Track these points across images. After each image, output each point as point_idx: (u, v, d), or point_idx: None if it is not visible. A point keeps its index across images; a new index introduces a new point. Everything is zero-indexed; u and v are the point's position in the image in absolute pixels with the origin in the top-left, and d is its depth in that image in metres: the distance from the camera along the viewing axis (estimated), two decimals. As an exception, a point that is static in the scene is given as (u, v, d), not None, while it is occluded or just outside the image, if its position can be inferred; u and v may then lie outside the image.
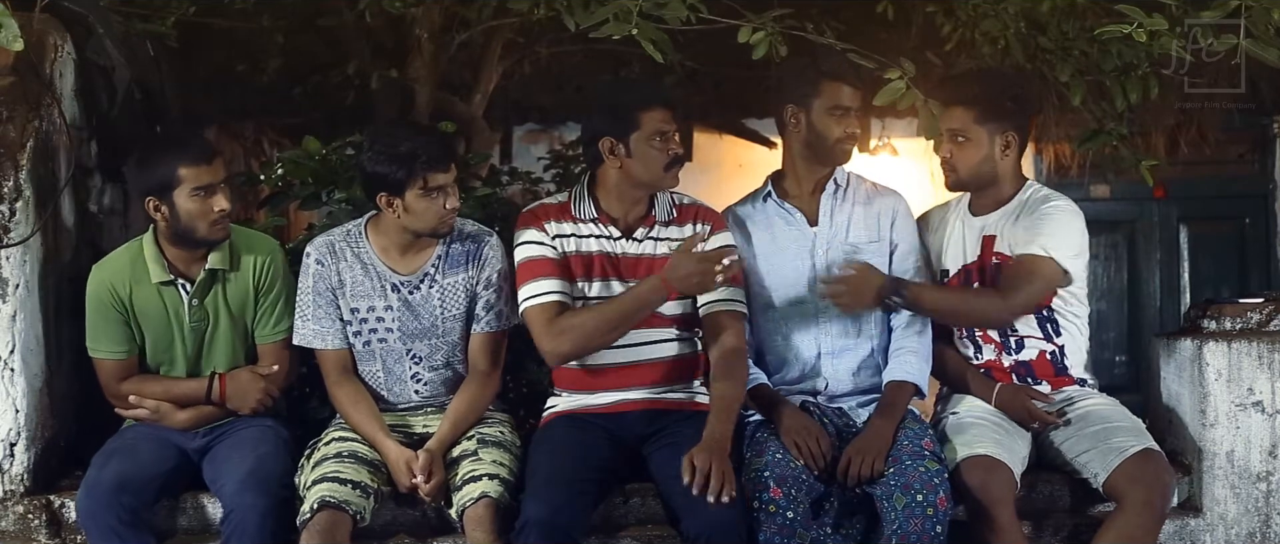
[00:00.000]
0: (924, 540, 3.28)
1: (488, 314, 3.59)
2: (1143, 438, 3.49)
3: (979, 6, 4.57)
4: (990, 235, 3.67)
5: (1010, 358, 3.69)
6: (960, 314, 3.68)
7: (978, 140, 3.61)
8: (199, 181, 3.48)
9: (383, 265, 3.56)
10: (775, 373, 3.70)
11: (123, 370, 3.60)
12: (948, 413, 3.65)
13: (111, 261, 3.62)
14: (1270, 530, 3.71)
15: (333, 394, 3.59)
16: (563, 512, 3.23)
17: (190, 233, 3.52)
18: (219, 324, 3.61)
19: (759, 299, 3.71)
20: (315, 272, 3.55)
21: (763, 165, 7.88)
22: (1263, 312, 3.84)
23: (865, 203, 3.75)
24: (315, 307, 3.55)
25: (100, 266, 3.61)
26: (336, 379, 3.58)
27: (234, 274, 3.62)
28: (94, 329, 3.59)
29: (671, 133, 3.51)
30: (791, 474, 3.35)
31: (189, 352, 3.61)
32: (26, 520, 3.58)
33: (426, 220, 3.47)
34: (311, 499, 3.28)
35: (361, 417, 3.52)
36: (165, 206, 3.49)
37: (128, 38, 4.23)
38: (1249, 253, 8.13)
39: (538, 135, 7.78)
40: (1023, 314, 3.60)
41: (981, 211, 3.70)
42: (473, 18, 5.27)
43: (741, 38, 3.76)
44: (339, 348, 3.57)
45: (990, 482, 3.36)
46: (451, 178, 3.47)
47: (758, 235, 3.74)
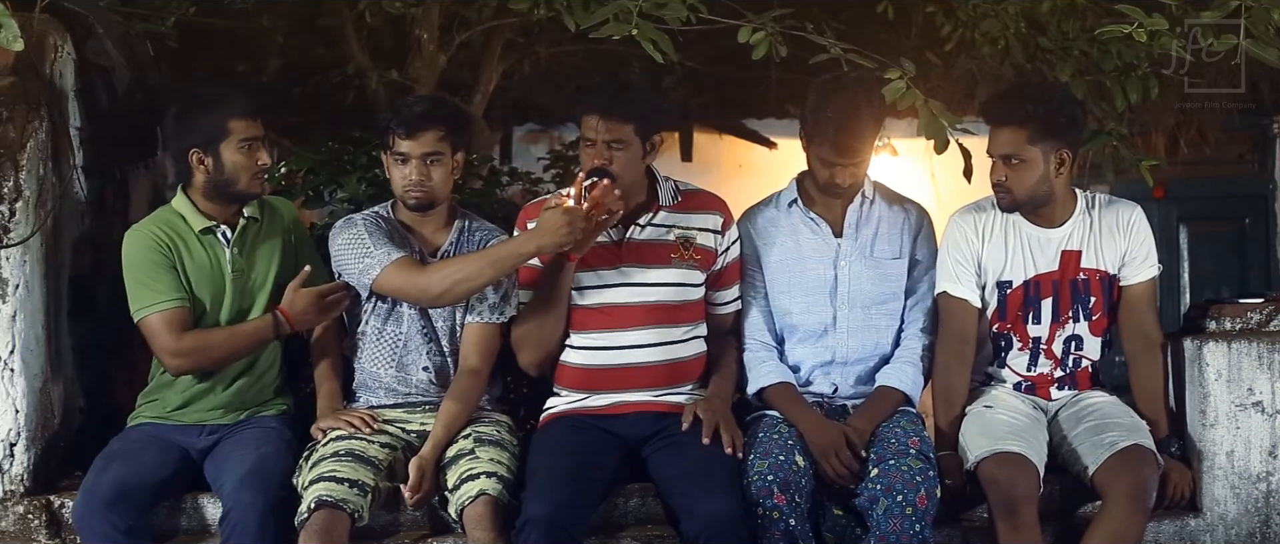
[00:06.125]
0: (904, 539, 3.28)
1: (481, 304, 3.60)
2: (1134, 434, 3.49)
3: (979, 6, 4.57)
4: (1072, 250, 3.64)
5: (1062, 371, 3.71)
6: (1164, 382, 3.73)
7: (1032, 161, 3.53)
8: (247, 134, 3.55)
9: (412, 237, 3.63)
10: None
11: (182, 321, 3.52)
12: (976, 406, 3.64)
13: (147, 221, 3.63)
14: (1270, 530, 3.71)
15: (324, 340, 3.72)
16: (564, 510, 3.23)
17: (231, 184, 3.57)
18: (256, 271, 3.64)
19: (778, 305, 3.71)
20: (364, 223, 3.61)
21: (762, 165, 7.93)
22: (1263, 312, 3.84)
23: (890, 215, 3.73)
24: (374, 240, 3.54)
25: (136, 227, 3.62)
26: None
27: (267, 224, 3.68)
28: (141, 286, 3.53)
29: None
30: (793, 478, 3.35)
31: (234, 301, 3.61)
32: (26, 520, 3.58)
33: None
34: (309, 498, 3.28)
35: (328, 369, 3.68)
36: (210, 159, 3.55)
37: (128, 38, 4.23)
38: (1249, 253, 8.13)
39: (538, 135, 7.78)
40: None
41: (1046, 224, 3.64)
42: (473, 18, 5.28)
43: (741, 38, 3.75)
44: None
45: (1018, 478, 3.35)
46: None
47: (781, 241, 3.72)
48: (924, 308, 3.72)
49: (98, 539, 3.35)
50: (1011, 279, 3.67)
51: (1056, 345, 3.69)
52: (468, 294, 3.52)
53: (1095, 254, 3.65)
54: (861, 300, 3.68)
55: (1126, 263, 3.66)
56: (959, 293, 3.66)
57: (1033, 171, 3.54)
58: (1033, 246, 3.65)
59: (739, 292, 3.72)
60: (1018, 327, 3.69)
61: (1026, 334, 3.69)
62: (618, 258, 3.57)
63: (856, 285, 3.68)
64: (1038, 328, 3.68)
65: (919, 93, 3.60)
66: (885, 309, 3.71)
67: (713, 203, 3.68)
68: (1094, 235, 3.65)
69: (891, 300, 3.71)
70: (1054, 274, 3.65)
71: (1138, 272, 3.66)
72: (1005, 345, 3.73)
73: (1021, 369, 3.72)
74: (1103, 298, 3.68)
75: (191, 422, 3.61)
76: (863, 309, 3.69)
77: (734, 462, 3.39)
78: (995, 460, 3.39)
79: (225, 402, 3.63)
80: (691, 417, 3.47)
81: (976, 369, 3.73)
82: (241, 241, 3.63)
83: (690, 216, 3.62)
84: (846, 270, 3.68)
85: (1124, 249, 3.65)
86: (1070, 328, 3.68)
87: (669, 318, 3.59)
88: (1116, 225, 3.65)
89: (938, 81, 5.82)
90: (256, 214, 3.67)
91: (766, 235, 3.73)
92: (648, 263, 3.56)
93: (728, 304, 3.72)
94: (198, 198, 3.62)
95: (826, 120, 3.53)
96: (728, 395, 3.62)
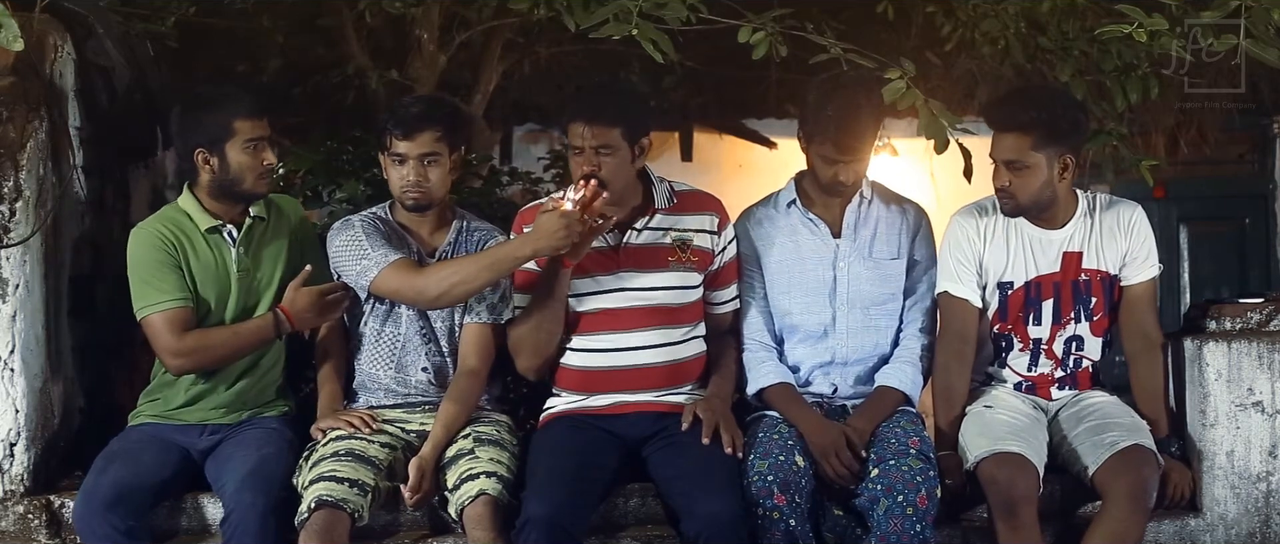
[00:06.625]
0: (904, 539, 3.28)
1: (480, 305, 3.60)
2: (1135, 434, 3.49)
3: (979, 6, 4.58)
4: (1074, 251, 3.63)
5: (1063, 372, 3.71)
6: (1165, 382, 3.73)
7: (1036, 167, 3.52)
8: (252, 134, 3.55)
9: (410, 238, 3.63)
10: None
11: (184, 320, 3.52)
12: (976, 406, 3.64)
13: (153, 219, 3.63)
14: (1270, 530, 3.71)
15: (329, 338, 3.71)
16: (564, 509, 3.22)
17: (237, 184, 3.56)
18: (261, 271, 3.64)
19: (777, 305, 3.71)
20: (362, 225, 3.61)
21: (762, 165, 7.93)
22: (1263, 312, 3.84)
23: (888, 215, 3.73)
24: (372, 242, 3.55)
25: (142, 225, 3.61)
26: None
27: (273, 224, 3.68)
28: (146, 284, 3.53)
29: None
30: (794, 478, 3.35)
31: (238, 301, 3.61)
32: (26, 520, 3.58)
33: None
34: (309, 498, 3.27)
35: (331, 371, 3.68)
36: (215, 158, 3.54)
37: (128, 38, 4.23)
38: (1249, 253, 8.14)
39: (538, 135, 7.78)
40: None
41: (1048, 225, 3.64)
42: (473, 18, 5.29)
43: (741, 38, 3.75)
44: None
45: (1018, 479, 3.35)
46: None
47: (780, 242, 3.71)
48: (923, 307, 3.72)
49: (98, 540, 3.34)
50: (1013, 280, 3.67)
51: (1057, 346, 3.69)
52: (464, 297, 3.52)
53: (1096, 255, 3.65)
54: (861, 301, 3.68)
55: (1127, 263, 3.66)
56: (960, 293, 3.66)
57: (1036, 178, 3.53)
58: (1034, 248, 3.65)
59: (737, 291, 3.72)
60: (1018, 327, 3.69)
61: (1027, 335, 3.69)
62: (615, 263, 3.56)
63: (856, 286, 3.68)
64: (1038, 329, 3.68)
65: (919, 93, 3.60)
66: (884, 309, 3.71)
67: (708, 203, 3.68)
68: (1095, 236, 3.65)
69: (890, 301, 3.71)
70: (1055, 275, 3.65)
71: (1138, 271, 3.66)
72: (1006, 346, 3.72)
73: (1022, 369, 3.72)
74: (1104, 298, 3.67)
75: (194, 421, 3.61)
76: (862, 309, 3.69)
77: (734, 462, 3.39)
78: (995, 460, 3.39)
79: (228, 401, 3.63)
80: (691, 417, 3.47)
81: (977, 369, 3.72)
82: (247, 241, 3.63)
83: (686, 218, 3.62)
84: (845, 271, 3.68)
85: (1125, 249, 3.65)
86: (1071, 329, 3.68)
87: (668, 320, 3.59)
88: (1117, 226, 3.65)
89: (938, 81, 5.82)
90: (262, 213, 3.66)
91: (765, 236, 3.73)
92: (645, 267, 3.56)
93: (726, 303, 3.72)
94: (203, 197, 3.62)
95: (828, 118, 3.52)
96: (727, 395, 3.62)
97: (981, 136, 3.61)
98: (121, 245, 3.62)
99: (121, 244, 3.64)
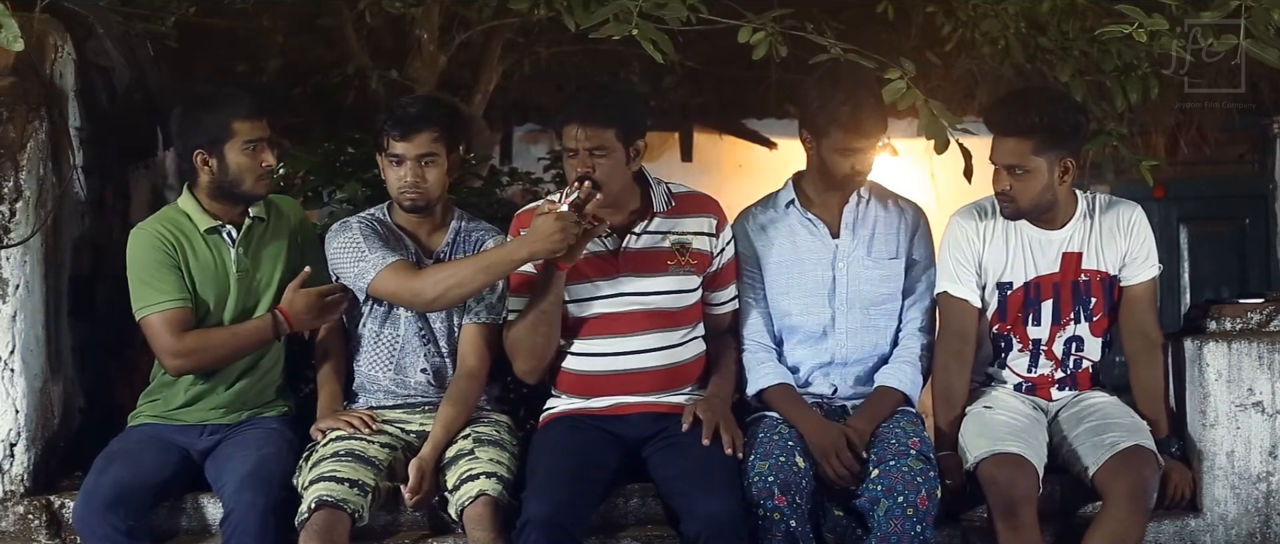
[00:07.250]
0: (905, 540, 3.28)
1: (478, 305, 3.60)
2: (1135, 434, 3.49)
3: (979, 6, 4.58)
4: (1073, 252, 3.63)
5: (1063, 372, 3.71)
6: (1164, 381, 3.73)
7: (1037, 171, 3.52)
8: (251, 135, 3.54)
9: (408, 239, 3.63)
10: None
11: (184, 321, 3.52)
12: (976, 406, 3.64)
13: (153, 220, 3.62)
14: (1270, 531, 3.71)
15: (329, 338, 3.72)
16: (565, 510, 3.22)
17: (236, 186, 3.56)
18: (261, 271, 3.64)
19: (777, 306, 3.71)
20: (360, 226, 3.61)
21: (762, 165, 7.93)
22: (1263, 312, 3.84)
23: (887, 215, 3.73)
24: (369, 244, 3.55)
25: (142, 226, 3.61)
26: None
27: (273, 224, 3.68)
28: (145, 285, 3.53)
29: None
30: (794, 479, 3.35)
31: (238, 301, 3.60)
32: (26, 520, 3.58)
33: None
34: (309, 499, 3.28)
35: (330, 371, 3.68)
36: (214, 160, 3.54)
37: (128, 38, 4.23)
38: (1249, 253, 8.13)
39: (538, 135, 7.78)
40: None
41: (1047, 226, 3.64)
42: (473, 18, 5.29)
43: (741, 38, 3.75)
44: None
45: (1018, 479, 3.35)
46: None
47: (779, 243, 3.71)
48: (922, 307, 3.72)
49: (98, 540, 3.34)
50: (1012, 280, 3.67)
51: (1057, 346, 3.69)
52: (460, 299, 3.52)
53: (1096, 255, 3.65)
54: (860, 301, 3.68)
55: (1127, 263, 3.66)
56: (959, 293, 3.66)
57: (1037, 181, 3.53)
58: (1034, 248, 3.65)
59: (735, 291, 3.72)
60: (1018, 328, 3.69)
61: (1027, 335, 3.69)
62: (615, 268, 3.56)
63: (855, 286, 3.68)
64: (1038, 329, 3.68)
65: (919, 93, 3.59)
66: (884, 309, 3.71)
67: (706, 205, 3.68)
68: (1095, 237, 3.65)
69: (889, 300, 3.71)
70: (1055, 276, 3.65)
71: (1138, 272, 3.66)
72: (1005, 346, 3.72)
73: (1022, 370, 3.72)
74: (1103, 299, 3.68)
75: (193, 421, 3.61)
76: (862, 310, 3.69)
77: (734, 462, 3.39)
78: (995, 461, 3.39)
79: (227, 401, 3.63)
80: (691, 417, 3.47)
81: (976, 369, 3.73)
82: (247, 242, 3.63)
83: (685, 221, 3.62)
84: (845, 271, 3.68)
85: (1125, 249, 3.65)
86: (1071, 329, 3.68)
87: (667, 323, 3.58)
88: (1117, 226, 3.65)
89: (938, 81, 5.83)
90: (262, 214, 3.66)
91: (764, 236, 3.73)
92: (645, 271, 3.55)
93: (725, 304, 3.72)
94: (203, 197, 3.62)
95: (839, 106, 3.52)
96: (727, 396, 3.62)
97: (981, 137, 3.61)
98: (121, 245, 3.62)
99: (121, 244, 3.64)
